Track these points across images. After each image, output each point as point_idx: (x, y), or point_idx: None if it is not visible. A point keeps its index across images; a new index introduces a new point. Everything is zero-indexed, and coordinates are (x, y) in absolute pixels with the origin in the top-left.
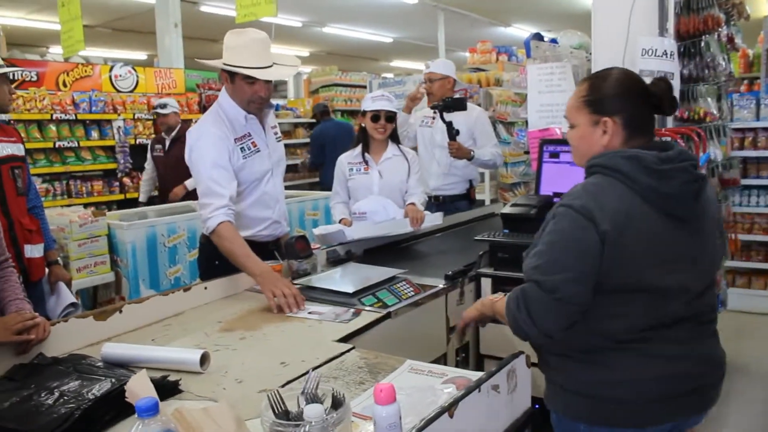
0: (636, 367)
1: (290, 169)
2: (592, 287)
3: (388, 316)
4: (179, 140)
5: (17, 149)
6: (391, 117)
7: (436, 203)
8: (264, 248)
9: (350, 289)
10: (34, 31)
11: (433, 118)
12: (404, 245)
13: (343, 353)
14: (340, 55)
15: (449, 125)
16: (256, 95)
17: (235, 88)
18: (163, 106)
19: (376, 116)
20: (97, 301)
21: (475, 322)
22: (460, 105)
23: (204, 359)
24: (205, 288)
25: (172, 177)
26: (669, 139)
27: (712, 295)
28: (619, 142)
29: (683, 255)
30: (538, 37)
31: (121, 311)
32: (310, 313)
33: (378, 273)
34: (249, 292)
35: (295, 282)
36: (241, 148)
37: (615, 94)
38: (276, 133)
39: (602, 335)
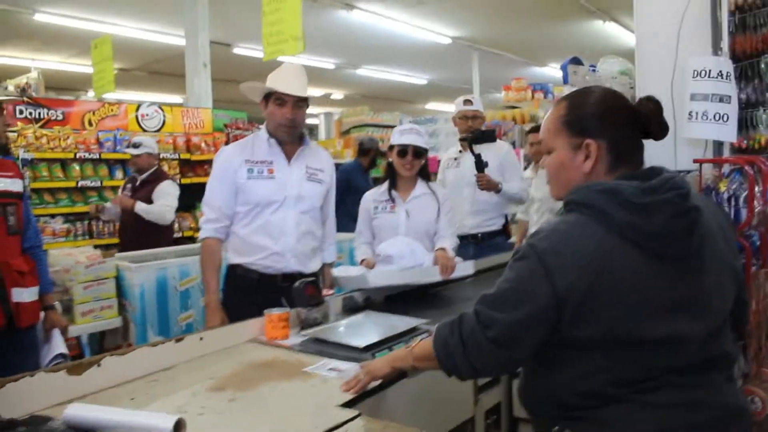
0: (635, 420)
1: None
2: (534, 341)
3: (403, 374)
4: (149, 183)
5: (13, 184)
6: (419, 152)
7: (474, 241)
8: (272, 283)
9: (361, 343)
10: (72, 75)
11: (456, 159)
12: (431, 291)
13: (345, 422)
14: (375, 98)
15: (478, 157)
16: (284, 117)
17: (269, 112)
18: (137, 145)
19: (403, 151)
20: (104, 348)
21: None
22: (489, 137)
23: (178, 428)
24: (201, 338)
25: (134, 223)
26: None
27: (723, 339)
28: (604, 169)
29: (678, 300)
30: (576, 61)
31: (99, 365)
32: (330, 369)
33: (397, 323)
34: (252, 343)
35: (304, 332)
36: (248, 169)
37: (598, 114)
38: (315, 174)
39: (586, 395)
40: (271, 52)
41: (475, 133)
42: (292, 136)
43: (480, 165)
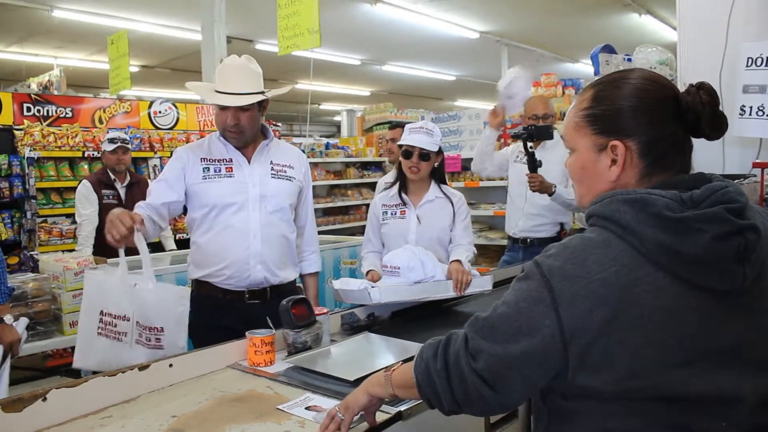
0: None
1: (341, 211)
2: (527, 384)
3: (398, 417)
4: (136, 185)
5: None
6: (426, 155)
7: (523, 246)
8: (239, 300)
9: (351, 376)
10: (95, 72)
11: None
12: (445, 305)
13: None
14: (402, 95)
15: (531, 156)
16: (226, 123)
17: (215, 114)
18: (113, 140)
19: (407, 152)
20: None
21: (366, 413)
22: (545, 133)
23: None
24: (170, 365)
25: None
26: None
27: None
28: (635, 176)
29: (724, 348)
30: (609, 49)
31: (45, 399)
32: (307, 408)
33: (398, 349)
34: (231, 370)
35: (290, 359)
36: (204, 168)
37: (631, 108)
38: (282, 171)
39: None
40: (286, 46)
41: (529, 130)
42: (241, 141)
43: (533, 164)
